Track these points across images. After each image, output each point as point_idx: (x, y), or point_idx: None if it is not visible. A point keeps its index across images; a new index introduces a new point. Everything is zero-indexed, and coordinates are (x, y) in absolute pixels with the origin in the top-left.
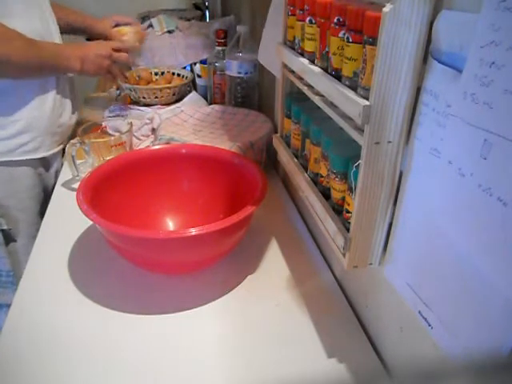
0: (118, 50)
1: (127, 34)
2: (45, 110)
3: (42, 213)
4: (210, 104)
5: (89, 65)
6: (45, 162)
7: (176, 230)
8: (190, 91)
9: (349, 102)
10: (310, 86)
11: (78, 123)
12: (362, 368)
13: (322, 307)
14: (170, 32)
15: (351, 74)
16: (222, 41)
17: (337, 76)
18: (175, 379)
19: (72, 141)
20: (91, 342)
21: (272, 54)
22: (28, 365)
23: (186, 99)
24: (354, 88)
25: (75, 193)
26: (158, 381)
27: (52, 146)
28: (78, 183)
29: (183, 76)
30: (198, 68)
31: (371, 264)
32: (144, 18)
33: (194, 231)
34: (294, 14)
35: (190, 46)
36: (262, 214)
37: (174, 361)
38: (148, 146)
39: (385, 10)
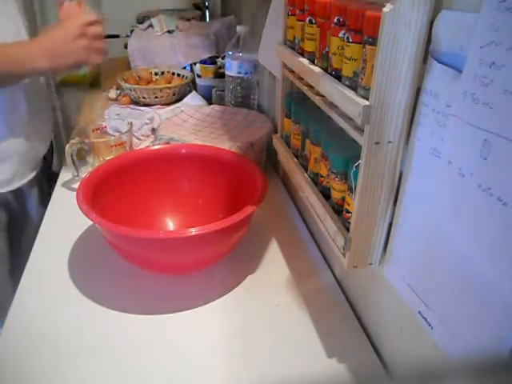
0: (89, 24)
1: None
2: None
3: (11, 245)
4: (210, 104)
5: (60, 58)
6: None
7: (176, 230)
8: (190, 91)
9: (349, 101)
10: (310, 86)
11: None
12: (362, 368)
13: (322, 307)
14: (170, 32)
15: (351, 74)
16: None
17: (337, 76)
18: (175, 379)
19: (72, 141)
20: (91, 342)
21: (272, 54)
22: (28, 365)
23: (185, 99)
24: (354, 88)
25: (75, 193)
26: (157, 381)
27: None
28: (78, 183)
29: (183, 76)
30: (198, 68)
31: (371, 264)
32: (144, 18)
33: (193, 231)
34: (294, 14)
35: (190, 45)
36: (262, 214)
37: (174, 361)
38: (148, 146)
39: (385, 10)
